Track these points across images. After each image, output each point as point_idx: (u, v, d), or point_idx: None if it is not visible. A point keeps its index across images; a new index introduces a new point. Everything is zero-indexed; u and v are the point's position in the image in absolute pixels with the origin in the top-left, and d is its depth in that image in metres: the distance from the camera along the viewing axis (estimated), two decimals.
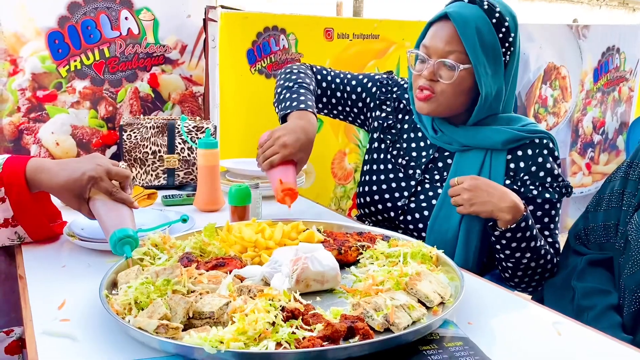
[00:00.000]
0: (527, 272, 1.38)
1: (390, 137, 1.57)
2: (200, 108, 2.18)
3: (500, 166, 1.41)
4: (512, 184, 1.41)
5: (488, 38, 1.34)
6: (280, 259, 1.08)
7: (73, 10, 1.89)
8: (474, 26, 1.33)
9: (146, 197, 1.74)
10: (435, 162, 1.49)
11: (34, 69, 1.88)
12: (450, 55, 1.35)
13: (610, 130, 3.69)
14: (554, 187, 1.40)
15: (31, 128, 1.91)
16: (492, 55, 1.36)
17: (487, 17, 1.34)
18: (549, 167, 1.41)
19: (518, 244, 1.32)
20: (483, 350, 0.88)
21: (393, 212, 1.51)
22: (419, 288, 0.98)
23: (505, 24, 1.36)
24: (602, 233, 1.34)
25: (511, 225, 1.30)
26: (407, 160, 1.53)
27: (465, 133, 1.44)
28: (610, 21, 10.16)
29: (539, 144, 1.42)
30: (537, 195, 1.40)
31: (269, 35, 2.20)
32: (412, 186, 1.50)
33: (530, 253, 1.34)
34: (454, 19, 1.34)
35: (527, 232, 1.31)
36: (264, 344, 0.81)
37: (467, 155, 1.44)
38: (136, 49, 2.02)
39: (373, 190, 1.55)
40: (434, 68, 1.37)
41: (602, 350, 0.96)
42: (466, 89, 1.38)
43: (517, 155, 1.42)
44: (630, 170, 1.31)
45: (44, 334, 0.92)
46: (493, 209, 1.29)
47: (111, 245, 1.13)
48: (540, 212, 1.41)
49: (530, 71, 3.15)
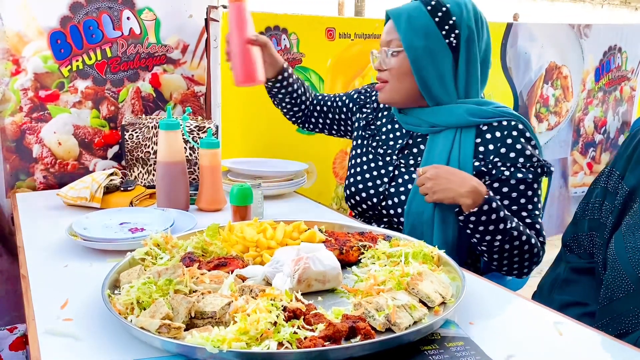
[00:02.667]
0: (503, 254, 1.38)
1: (369, 132, 1.67)
2: (202, 108, 2.19)
3: (469, 147, 1.45)
4: (480, 166, 1.44)
5: (420, 21, 1.45)
6: (282, 259, 1.08)
7: (75, 10, 1.90)
8: (405, 15, 1.47)
9: (148, 196, 1.75)
10: (410, 148, 1.56)
11: (36, 68, 1.88)
12: (389, 44, 1.50)
13: (612, 129, 3.68)
14: (527, 167, 1.41)
15: (33, 128, 1.91)
16: (426, 38, 1.45)
17: (421, 6, 1.47)
18: (519, 148, 1.42)
19: (485, 227, 1.33)
20: (484, 351, 0.88)
21: (375, 199, 1.58)
22: (420, 288, 0.98)
23: (443, 9, 1.46)
24: (590, 242, 1.33)
25: (473, 209, 1.32)
26: (384, 149, 1.61)
27: (431, 111, 1.51)
28: (612, 20, 10.14)
29: (507, 126, 1.44)
30: (509, 176, 1.41)
31: (270, 35, 2.20)
32: (390, 171, 1.57)
33: (500, 235, 1.35)
34: (390, 13, 1.51)
35: (493, 214, 1.32)
36: (265, 343, 0.81)
37: (437, 138, 1.50)
38: (138, 49, 2.02)
39: (357, 180, 1.63)
40: (379, 59, 1.53)
41: (604, 351, 0.96)
42: (407, 71, 1.48)
43: (485, 138, 1.45)
44: (609, 180, 1.29)
45: (46, 333, 0.93)
46: (454, 195, 1.33)
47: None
48: (516, 193, 1.41)
49: (532, 70, 3.15)
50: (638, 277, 1.13)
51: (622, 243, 1.18)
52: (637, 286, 1.13)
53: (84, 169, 2.00)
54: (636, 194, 1.21)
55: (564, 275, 1.34)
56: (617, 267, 1.17)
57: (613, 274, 1.18)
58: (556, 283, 1.34)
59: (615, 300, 1.17)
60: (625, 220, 1.21)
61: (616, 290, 1.17)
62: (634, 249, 1.15)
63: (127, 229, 1.40)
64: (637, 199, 1.21)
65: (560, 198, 3.55)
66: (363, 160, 1.65)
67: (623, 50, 3.51)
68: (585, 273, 1.32)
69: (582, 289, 1.30)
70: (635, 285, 1.14)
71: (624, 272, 1.15)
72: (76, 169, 1.99)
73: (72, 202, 1.64)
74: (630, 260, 1.15)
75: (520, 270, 1.43)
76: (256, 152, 2.18)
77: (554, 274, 1.38)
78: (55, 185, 1.95)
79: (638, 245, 1.15)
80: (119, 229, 1.41)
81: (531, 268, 1.44)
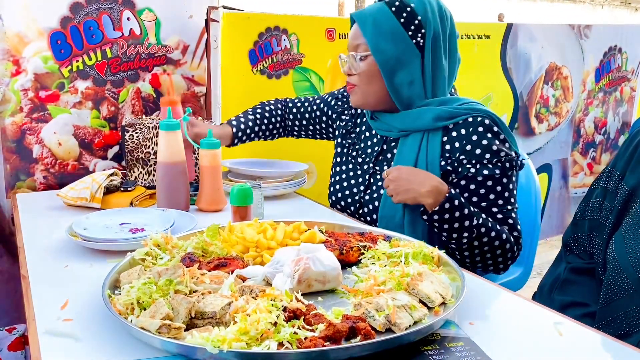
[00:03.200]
0: (473, 251, 1.38)
1: (350, 140, 1.68)
2: (202, 108, 2.19)
3: (436, 148, 1.45)
4: (447, 165, 1.44)
5: (386, 24, 1.44)
6: (282, 259, 1.08)
7: (75, 11, 1.90)
8: (370, 18, 1.46)
9: (148, 197, 1.75)
10: (385, 154, 1.57)
11: (36, 69, 1.88)
12: (357, 49, 1.50)
13: (612, 130, 3.68)
14: (494, 162, 1.40)
15: (34, 128, 1.91)
16: (393, 40, 1.44)
17: (385, 7, 1.46)
18: (485, 144, 1.40)
19: (450, 225, 1.34)
20: (484, 351, 0.88)
21: (353, 207, 1.61)
22: (420, 288, 0.98)
23: (408, 9, 1.45)
24: (590, 242, 1.33)
25: (435, 208, 1.33)
26: (362, 157, 1.62)
27: (400, 116, 1.52)
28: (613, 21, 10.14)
29: (472, 122, 1.43)
30: (475, 173, 1.41)
31: (270, 36, 2.20)
32: (366, 179, 1.59)
33: (467, 232, 1.35)
34: (355, 17, 1.50)
35: (456, 212, 1.33)
36: (265, 344, 0.81)
37: (406, 141, 1.51)
38: (138, 50, 2.02)
39: (336, 189, 1.66)
40: (348, 64, 1.52)
41: (604, 351, 0.96)
42: (376, 75, 1.48)
43: (451, 136, 1.45)
44: (609, 180, 1.29)
45: (46, 334, 0.93)
46: (415, 195, 1.35)
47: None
48: (484, 189, 1.41)
49: (532, 71, 3.15)
50: (638, 278, 1.13)
51: (622, 243, 1.18)
52: (637, 286, 1.13)
53: (84, 169, 2.00)
54: (636, 194, 1.21)
55: (564, 276, 1.34)
56: (617, 268, 1.17)
57: (613, 274, 1.18)
58: (556, 283, 1.34)
59: (615, 301, 1.17)
60: (626, 221, 1.21)
61: (616, 290, 1.17)
62: (634, 249, 1.15)
63: (127, 229, 1.40)
64: (637, 199, 1.21)
65: (560, 199, 3.56)
66: (343, 169, 1.67)
67: (623, 51, 3.51)
68: (585, 273, 1.32)
69: (583, 290, 1.30)
70: (636, 285, 1.14)
71: (624, 272, 1.15)
72: (76, 169, 1.99)
73: (72, 203, 1.64)
74: (630, 260, 1.15)
75: (496, 266, 1.43)
76: (256, 152, 2.18)
77: (554, 275, 1.38)
78: (55, 185, 1.95)
79: (638, 246, 1.15)
80: (119, 229, 1.41)
81: (507, 264, 1.44)
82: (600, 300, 1.21)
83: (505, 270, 1.47)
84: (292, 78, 2.29)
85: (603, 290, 1.20)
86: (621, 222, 1.23)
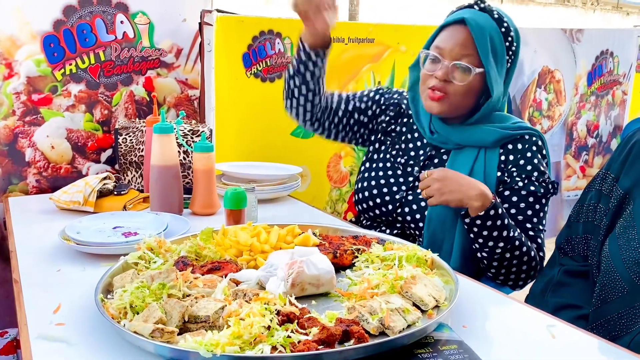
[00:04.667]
0: (502, 262, 1.39)
1: (389, 139, 1.65)
2: (195, 111, 2.18)
3: (494, 161, 1.47)
4: (502, 175, 1.47)
5: (498, 46, 1.44)
6: (276, 263, 1.08)
7: (68, 14, 1.89)
8: (487, 33, 1.42)
9: (141, 200, 1.74)
10: (432, 159, 1.56)
11: (29, 72, 1.87)
12: (464, 58, 1.42)
13: (604, 133, 3.70)
14: (539, 181, 1.45)
15: (26, 131, 1.90)
16: (500, 62, 1.45)
17: (497, 27, 1.44)
18: (536, 162, 1.46)
19: (489, 232, 1.35)
20: (478, 354, 0.88)
21: (391, 205, 1.56)
22: (414, 291, 0.99)
23: (511, 34, 1.46)
24: (584, 244, 1.34)
25: (480, 212, 1.33)
26: (405, 159, 1.59)
27: (460, 134, 1.50)
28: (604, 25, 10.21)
29: (528, 140, 1.48)
30: (522, 187, 1.44)
31: (264, 39, 2.21)
32: (410, 181, 1.55)
33: (503, 242, 1.36)
34: (471, 25, 1.41)
35: (498, 220, 1.34)
36: (259, 347, 0.81)
37: (461, 153, 1.50)
38: (131, 53, 2.02)
39: (371, 185, 1.60)
40: (448, 69, 1.43)
41: (596, 354, 0.96)
42: (475, 91, 1.46)
43: (507, 148, 1.49)
44: (603, 183, 1.31)
45: (39, 338, 0.92)
46: (462, 197, 1.34)
47: None
48: (524, 203, 1.44)
49: (525, 75, 3.17)
50: (632, 279, 1.14)
51: (617, 245, 1.19)
52: (631, 288, 1.14)
53: (77, 172, 1.99)
54: (630, 196, 1.22)
55: (558, 278, 1.34)
56: (611, 269, 1.18)
57: (607, 275, 1.19)
58: (550, 286, 1.35)
59: (609, 302, 1.18)
60: (620, 223, 1.22)
61: (610, 291, 1.18)
62: (628, 250, 1.16)
63: (121, 233, 1.40)
64: (631, 201, 1.22)
65: (553, 202, 3.55)
66: (380, 167, 1.61)
67: (615, 55, 3.54)
68: (579, 276, 1.33)
69: (576, 292, 1.30)
70: (629, 286, 1.14)
71: (618, 273, 1.16)
72: (69, 172, 1.99)
73: (65, 206, 1.63)
74: (624, 261, 1.16)
75: (516, 281, 1.45)
76: (250, 155, 2.18)
77: (548, 277, 1.38)
78: (48, 189, 1.94)
79: (632, 247, 1.16)
80: (112, 233, 1.40)
81: (527, 282, 1.45)
82: (593, 302, 1.22)
83: (522, 287, 1.48)
84: None
85: (597, 292, 1.21)
86: (615, 224, 1.24)
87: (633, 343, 1.10)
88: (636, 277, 1.13)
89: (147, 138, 1.78)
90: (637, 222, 1.18)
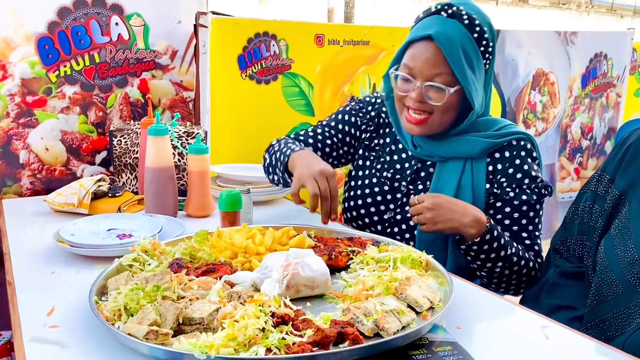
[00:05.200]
0: (502, 278, 1.39)
1: (374, 154, 1.59)
2: (190, 113, 2.18)
3: (482, 173, 1.43)
4: (491, 187, 1.43)
5: (472, 55, 1.34)
6: (271, 265, 1.08)
7: (63, 16, 1.89)
8: (459, 47, 1.32)
9: (136, 202, 1.74)
10: (419, 173, 1.51)
11: (23, 74, 1.87)
12: (436, 77, 1.34)
13: (599, 135, 3.72)
14: (532, 188, 1.41)
15: (20, 133, 1.90)
16: (476, 69, 1.37)
17: (469, 34, 1.33)
18: (526, 169, 1.41)
19: (487, 255, 1.33)
20: (472, 355, 0.88)
21: (380, 225, 1.53)
22: (408, 293, 0.99)
23: (485, 36, 1.36)
24: (579, 246, 1.34)
25: (476, 238, 1.30)
26: (392, 173, 1.54)
27: (445, 147, 1.45)
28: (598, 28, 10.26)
29: (516, 146, 1.43)
30: (514, 197, 1.41)
31: (259, 41, 2.21)
32: (398, 199, 1.51)
33: (501, 262, 1.34)
34: (439, 41, 1.32)
35: (494, 242, 1.32)
36: (254, 349, 0.81)
37: (446, 166, 1.46)
38: (126, 55, 2.01)
39: (359, 205, 1.55)
40: (421, 90, 1.36)
41: (590, 355, 0.97)
42: (455, 107, 1.39)
43: (495, 157, 1.44)
44: (599, 184, 1.31)
45: (32, 341, 0.92)
46: (457, 225, 1.30)
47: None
48: (518, 214, 1.41)
49: (519, 77, 3.18)
50: (627, 279, 1.14)
51: (612, 245, 1.19)
52: (626, 288, 1.15)
53: (71, 175, 1.99)
54: (626, 197, 1.23)
55: (553, 279, 1.35)
56: (606, 270, 1.19)
57: (602, 276, 1.19)
58: (545, 287, 1.35)
59: (604, 303, 1.18)
60: (615, 223, 1.23)
61: (605, 292, 1.18)
62: (623, 251, 1.17)
63: (115, 235, 1.40)
64: (626, 203, 1.22)
65: (547, 203, 3.55)
66: (366, 183, 1.56)
67: (609, 57, 3.56)
68: (574, 277, 1.33)
69: (571, 293, 1.31)
70: (624, 287, 1.15)
71: (613, 274, 1.17)
72: (64, 174, 1.98)
73: (60, 208, 1.63)
74: (619, 262, 1.16)
75: (517, 290, 1.43)
76: (245, 157, 2.18)
77: (543, 279, 1.39)
78: (42, 191, 1.93)
79: (627, 248, 1.16)
80: (106, 235, 1.40)
81: (523, 288, 1.43)
82: (589, 302, 1.22)
83: (519, 293, 1.45)
84: (281, 83, 2.30)
85: (592, 292, 1.22)
86: (611, 225, 1.24)
87: (628, 343, 1.10)
88: (631, 278, 1.14)
89: (141, 140, 1.78)
90: (632, 223, 1.19)
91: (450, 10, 1.35)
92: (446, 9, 1.35)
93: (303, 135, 1.64)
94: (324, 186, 1.35)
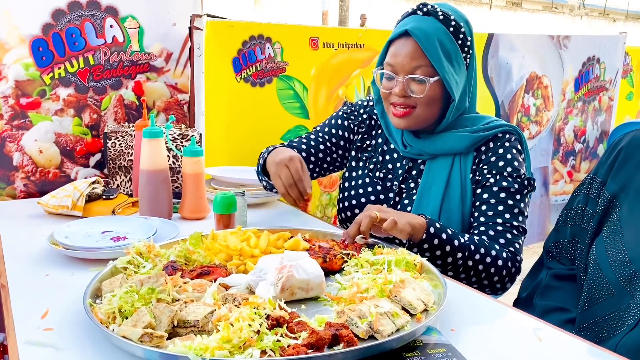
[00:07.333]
0: (469, 272, 1.35)
1: (366, 154, 1.62)
2: (185, 116, 2.18)
3: (468, 166, 1.47)
4: (474, 177, 1.46)
5: (449, 47, 1.40)
6: (266, 267, 1.08)
7: (57, 18, 1.89)
8: (435, 39, 1.38)
9: (130, 205, 1.74)
10: (410, 172, 1.54)
11: (17, 76, 1.86)
12: (417, 70, 1.40)
13: (591, 138, 3.74)
14: (513, 177, 1.42)
15: (14, 135, 1.89)
16: (455, 63, 1.42)
17: (444, 28, 1.40)
18: (509, 158, 1.44)
19: (442, 249, 1.31)
20: (466, 357, 0.89)
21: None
22: (402, 295, 0.99)
23: (462, 30, 1.42)
24: (572, 248, 1.35)
25: (422, 237, 1.29)
26: (384, 173, 1.57)
27: (433, 144, 1.49)
28: (591, 32, 10.32)
29: (501, 138, 1.47)
30: (493, 183, 1.42)
31: (254, 44, 2.21)
32: (391, 198, 1.53)
33: (460, 253, 1.31)
34: (416, 35, 1.38)
35: (442, 234, 1.30)
36: (248, 352, 0.81)
37: (434, 162, 1.49)
38: (121, 57, 2.01)
39: (353, 205, 1.58)
40: (403, 85, 1.41)
41: (583, 356, 0.97)
42: (438, 99, 1.44)
43: (481, 150, 1.48)
44: (591, 187, 1.32)
45: (26, 344, 0.92)
46: (408, 218, 1.28)
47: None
48: (494, 199, 1.41)
49: (513, 80, 3.20)
50: (618, 281, 1.15)
51: (603, 248, 1.20)
52: (618, 290, 1.16)
53: (65, 177, 1.98)
54: (617, 200, 1.24)
55: (546, 282, 1.36)
56: (598, 272, 1.19)
57: (594, 278, 1.20)
58: (538, 289, 1.36)
59: (596, 305, 1.19)
60: (607, 226, 1.24)
61: (597, 294, 1.19)
62: (615, 253, 1.18)
63: (109, 237, 1.39)
64: (618, 205, 1.23)
65: (541, 206, 3.60)
66: (359, 184, 1.59)
67: (601, 61, 3.58)
68: (566, 279, 1.34)
69: (564, 295, 1.32)
70: (616, 289, 1.16)
71: (605, 276, 1.18)
72: (58, 177, 1.97)
73: (54, 211, 1.62)
74: (611, 264, 1.17)
75: (492, 286, 1.39)
76: (240, 160, 2.18)
77: (536, 281, 1.40)
78: (36, 193, 1.93)
79: (619, 250, 1.17)
80: (101, 237, 1.39)
81: (504, 282, 1.39)
82: (581, 304, 1.23)
83: (503, 290, 1.42)
84: (276, 86, 2.30)
85: (584, 294, 1.22)
86: (602, 227, 1.25)
87: (620, 345, 1.11)
88: (623, 280, 1.15)
89: (136, 142, 1.77)
90: (623, 226, 1.20)
91: (425, 8, 1.43)
92: (421, 8, 1.43)
93: (297, 141, 1.67)
94: (284, 174, 1.40)
